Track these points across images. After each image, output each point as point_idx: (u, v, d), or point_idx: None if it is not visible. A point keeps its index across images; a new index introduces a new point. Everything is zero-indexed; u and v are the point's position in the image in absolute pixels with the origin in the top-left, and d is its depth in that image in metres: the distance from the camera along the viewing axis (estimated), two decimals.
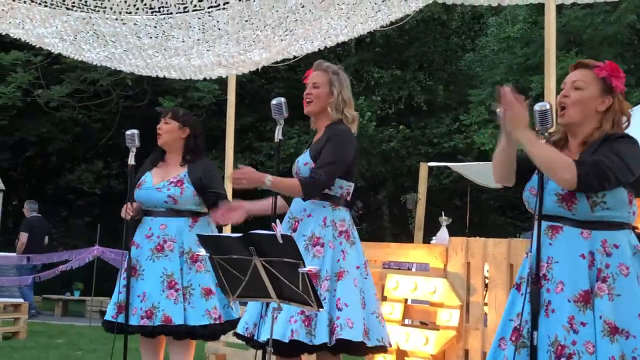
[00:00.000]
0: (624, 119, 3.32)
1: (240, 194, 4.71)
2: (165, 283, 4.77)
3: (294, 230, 4.16)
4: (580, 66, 3.39)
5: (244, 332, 4.18)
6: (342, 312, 4.03)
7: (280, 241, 3.17)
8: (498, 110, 3.18)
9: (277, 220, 3.43)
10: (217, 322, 4.79)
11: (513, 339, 3.24)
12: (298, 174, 4.25)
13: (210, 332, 4.86)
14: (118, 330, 4.75)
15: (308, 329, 3.98)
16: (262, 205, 4.29)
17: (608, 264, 3.17)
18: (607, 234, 3.20)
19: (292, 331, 3.95)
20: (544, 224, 3.27)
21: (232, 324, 4.83)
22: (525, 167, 3.35)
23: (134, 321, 4.75)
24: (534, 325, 3.14)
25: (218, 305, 4.82)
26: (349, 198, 4.29)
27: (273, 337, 3.74)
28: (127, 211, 4.83)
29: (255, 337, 4.05)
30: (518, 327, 3.22)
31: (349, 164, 4.20)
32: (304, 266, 3.19)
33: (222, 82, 12.35)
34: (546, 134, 3.22)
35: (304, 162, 4.24)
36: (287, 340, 3.94)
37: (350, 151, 4.21)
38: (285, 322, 3.96)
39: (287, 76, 19.21)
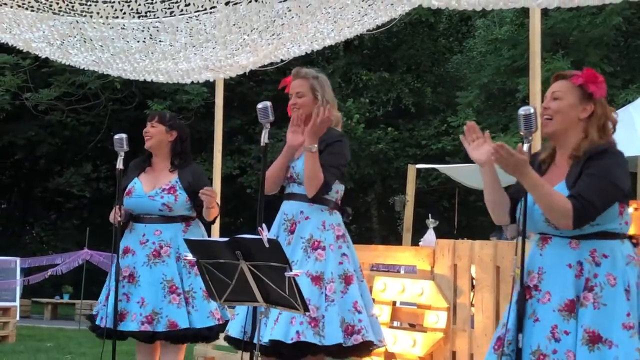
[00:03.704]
0: (610, 124, 3.31)
1: (231, 196, 4.77)
2: (166, 289, 4.81)
3: (292, 232, 4.18)
4: (559, 77, 3.41)
5: (242, 336, 4.15)
6: (362, 315, 4.18)
7: (267, 245, 3.19)
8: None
9: (264, 225, 3.46)
10: (220, 322, 4.85)
11: (496, 347, 3.28)
12: (293, 178, 4.26)
13: (215, 333, 4.92)
14: (109, 334, 4.77)
15: (315, 329, 4.04)
16: None
17: (596, 274, 3.17)
18: (596, 243, 3.20)
19: (297, 332, 4.00)
20: (535, 236, 3.31)
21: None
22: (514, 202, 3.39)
23: (133, 327, 4.78)
24: (519, 328, 3.16)
25: (218, 306, 4.87)
26: (339, 202, 4.39)
27: (275, 338, 3.87)
28: (115, 215, 4.84)
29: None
30: (502, 335, 3.26)
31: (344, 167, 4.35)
32: (291, 270, 3.21)
33: (210, 84, 12.38)
34: (530, 137, 3.22)
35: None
36: (290, 341, 3.98)
37: (348, 155, 4.36)
38: (287, 323, 4.00)
39: (276, 79, 19.10)
